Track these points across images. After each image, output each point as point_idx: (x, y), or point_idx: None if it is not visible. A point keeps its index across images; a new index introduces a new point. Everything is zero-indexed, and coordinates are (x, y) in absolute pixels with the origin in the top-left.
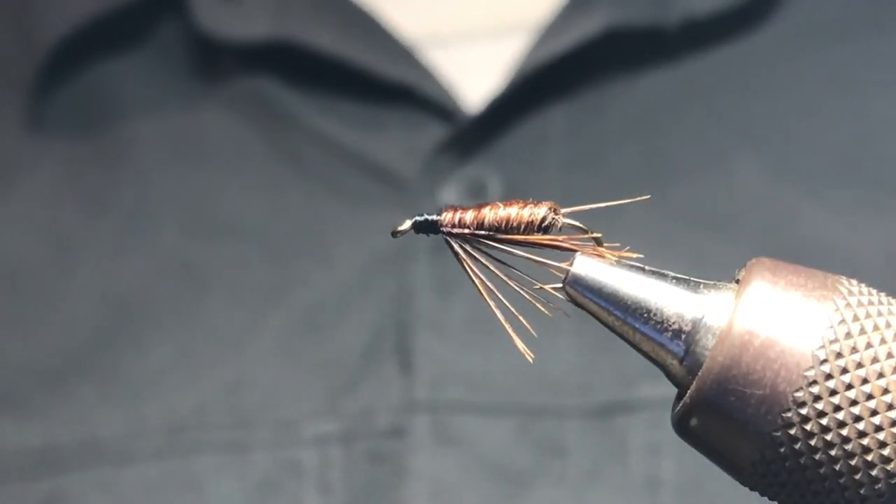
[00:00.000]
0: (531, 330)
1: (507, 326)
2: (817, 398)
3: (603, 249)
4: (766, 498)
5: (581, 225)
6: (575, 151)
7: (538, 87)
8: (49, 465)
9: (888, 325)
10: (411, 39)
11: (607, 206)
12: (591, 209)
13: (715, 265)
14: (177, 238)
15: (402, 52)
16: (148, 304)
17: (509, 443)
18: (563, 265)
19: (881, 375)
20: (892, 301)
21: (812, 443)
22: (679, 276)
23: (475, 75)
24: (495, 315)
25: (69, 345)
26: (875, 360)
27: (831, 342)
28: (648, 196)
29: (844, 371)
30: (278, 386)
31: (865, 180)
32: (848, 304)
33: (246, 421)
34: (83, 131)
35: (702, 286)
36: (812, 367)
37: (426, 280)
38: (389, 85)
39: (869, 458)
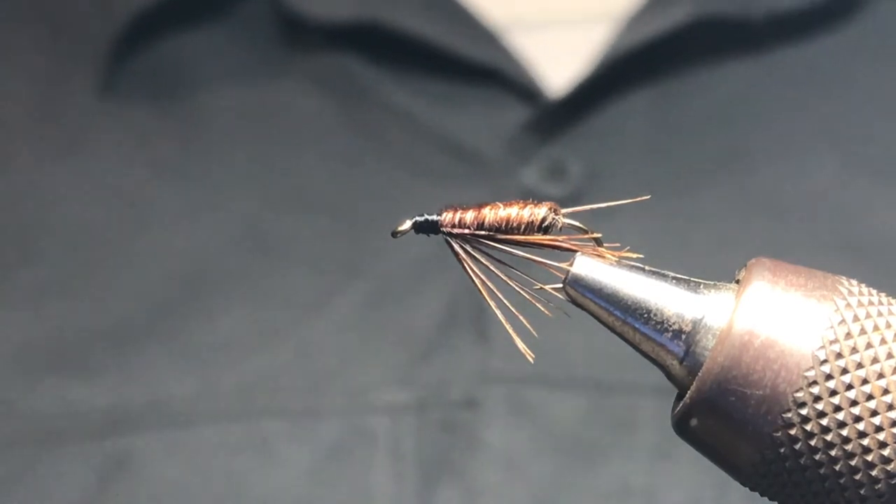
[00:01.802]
0: (531, 330)
1: (507, 326)
2: (817, 398)
3: (603, 249)
4: (766, 498)
5: (581, 225)
6: (655, 138)
7: (623, 73)
8: (117, 425)
9: (888, 326)
10: (495, 23)
11: (610, 206)
12: (591, 209)
13: (788, 255)
14: (251, 207)
15: (485, 35)
16: (220, 271)
17: (581, 417)
18: (564, 265)
19: (881, 376)
20: (893, 301)
21: (812, 443)
22: (679, 276)
23: (558, 60)
24: (496, 315)
25: (140, 308)
26: (875, 360)
27: (831, 342)
28: (649, 196)
29: (845, 371)
30: (352, 353)
31: None
32: (848, 305)
33: (318, 386)
34: (157, 99)
35: (702, 286)
36: (812, 368)
37: None
38: (473, 66)
39: (869, 458)
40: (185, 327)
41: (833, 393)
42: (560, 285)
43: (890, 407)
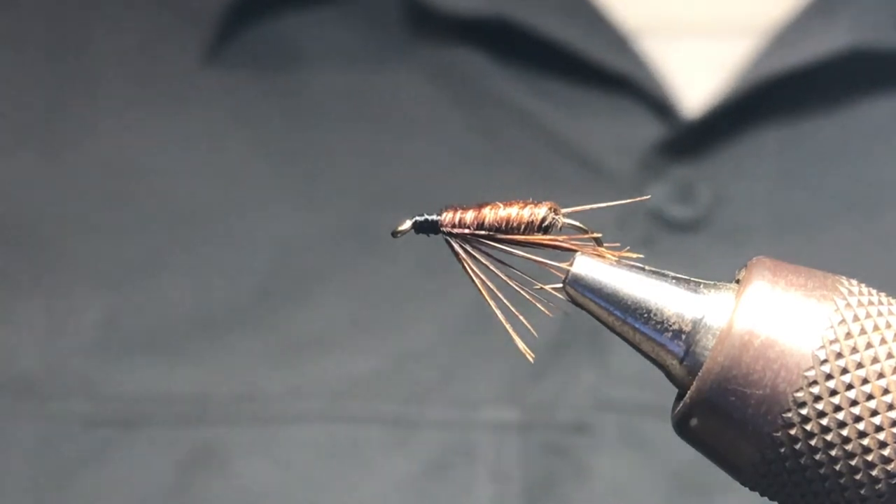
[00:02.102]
0: (532, 330)
1: (507, 326)
2: (817, 398)
3: (603, 249)
4: (766, 498)
5: (581, 225)
6: (788, 167)
7: (765, 97)
8: (203, 414)
9: (888, 325)
10: (629, 28)
11: (609, 206)
12: (591, 209)
13: None
14: (357, 196)
15: (619, 41)
16: (320, 262)
17: (697, 452)
18: (564, 265)
19: (881, 375)
20: (893, 301)
21: (812, 443)
22: (679, 276)
23: (694, 73)
24: (496, 315)
25: (233, 294)
26: (875, 360)
27: (831, 342)
28: (649, 196)
29: (845, 371)
30: (457, 364)
31: None
32: (848, 305)
33: (418, 395)
34: (264, 73)
35: (702, 286)
36: (812, 368)
37: None
38: (604, 72)
39: (869, 458)
40: (280, 319)
41: (833, 393)
42: (560, 285)
43: (890, 407)
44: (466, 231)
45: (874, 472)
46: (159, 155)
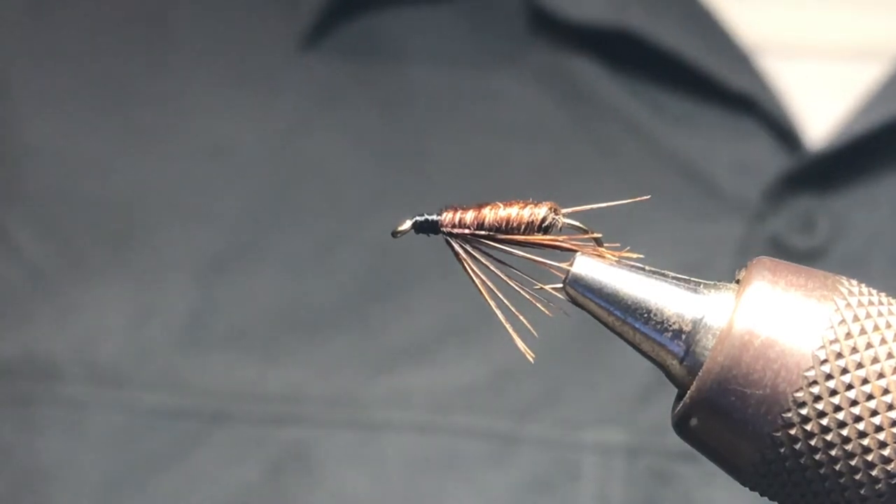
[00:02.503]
0: (532, 330)
1: (507, 327)
2: (817, 398)
3: (603, 249)
4: (766, 498)
5: (581, 225)
6: None
7: (894, 130)
8: (293, 415)
9: (888, 326)
10: (752, 46)
11: (610, 206)
12: (591, 209)
13: None
14: (457, 198)
15: (742, 59)
16: (421, 267)
17: None
18: (564, 265)
19: (881, 376)
20: (893, 301)
21: (812, 443)
22: (679, 276)
23: (819, 97)
24: (496, 315)
25: (331, 294)
26: (875, 360)
27: (831, 342)
28: (649, 196)
29: (845, 371)
30: (563, 381)
31: None
32: (848, 305)
33: (522, 411)
34: (363, 65)
35: (702, 286)
36: (812, 368)
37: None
38: (724, 91)
39: (869, 458)
40: (378, 322)
41: (833, 393)
42: (560, 285)
43: (890, 407)
44: (466, 231)
45: (874, 472)
46: (252, 141)
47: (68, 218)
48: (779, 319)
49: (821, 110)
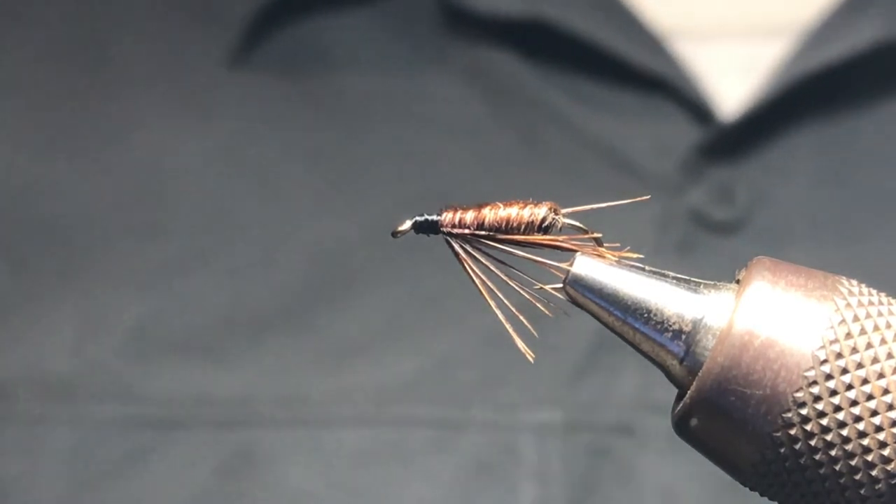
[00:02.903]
0: (532, 330)
1: (508, 326)
2: (817, 398)
3: (603, 250)
4: (766, 498)
5: (581, 225)
6: (826, 167)
7: (801, 97)
8: (242, 417)
9: (888, 326)
10: (664, 30)
11: (610, 206)
12: (591, 209)
13: None
14: (394, 197)
15: (654, 43)
16: (361, 263)
17: None
18: (564, 265)
19: (881, 376)
20: (893, 301)
21: (812, 443)
22: (679, 276)
23: (730, 75)
24: (496, 315)
25: (272, 295)
26: (875, 360)
27: (831, 342)
28: (649, 196)
29: (845, 371)
30: (499, 366)
31: None
32: (848, 305)
33: (462, 398)
34: (294, 76)
35: (702, 286)
36: (812, 368)
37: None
38: (640, 74)
39: (869, 458)
40: (320, 320)
41: (833, 393)
42: (560, 285)
43: (890, 407)
44: (466, 231)
45: (874, 472)
46: (191, 157)
47: (12, 238)
48: (779, 319)
49: (733, 88)
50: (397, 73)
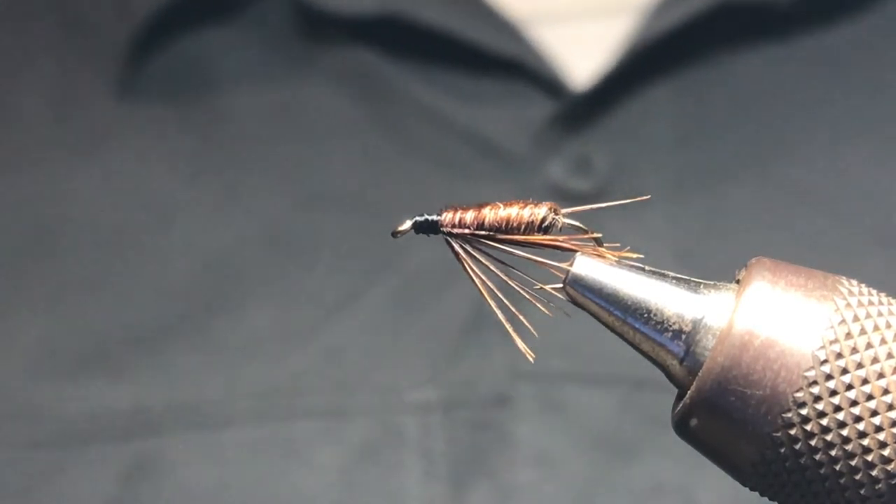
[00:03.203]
0: (532, 330)
1: (508, 326)
2: (817, 398)
3: (603, 250)
4: (766, 498)
5: (581, 225)
6: (681, 129)
7: (647, 64)
8: (140, 426)
9: (888, 326)
10: (517, 17)
11: (610, 206)
12: (591, 209)
13: (819, 246)
14: (275, 205)
15: (508, 28)
16: (246, 271)
17: (614, 414)
18: (564, 265)
19: (881, 376)
20: (893, 301)
21: (812, 443)
22: (679, 276)
23: (581, 53)
24: (496, 315)
25: (164, 308)
26: (875, 360)
27: (831, 342)
28: (649, 196)
29: (845, 371)
30: (380, 353)
31: None
32: (848, 305)
33: (346, 387)
34: (176, 98)
35: (702, 286)
36: (812, 368)
37: None
38: (496, 59)
39: (869, 458)
40: (210, 328)
41: (833, 393)
42: (560, 285)
43: (890, 407)
44: (466, 231)
45: (874, 472)
46: (85, 186)
47: None
48: (779, 319)
49: (585, 64)
50: (269, 83)
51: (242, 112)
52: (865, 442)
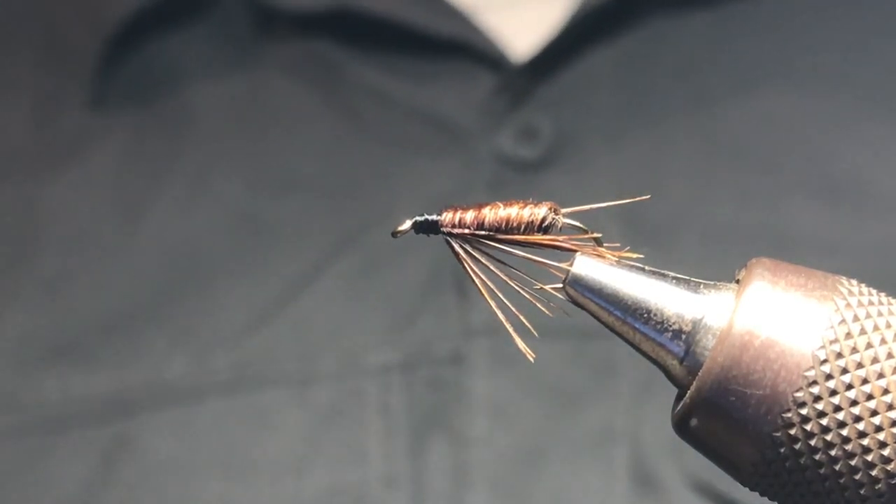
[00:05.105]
0: (532, 330)
1: (507, 326)
2: (817, 398)
3: (603, 249)
4: (766, 498)
5: (581, 225)
6: (622, 93)
7: (586, 32)
8: (117, 410)
9: (888, 326)
10: (461, 4)
11: (609, 206)
12: (591, 209)
13: (754, 197)
14: (241, 194)
15: (452, 12)
16: (214, 257)
17: (564, 364)
18: (564, 265)
19: (881, 376)
20: (892, 301)
21: (812, 443)
22: (679, 276)
23: (523, 30)
24: (497, 315)
25: (137, 296)
26: (875, 360)
27: (831, 342)
28: (649, 196)
29: (845, 371)
30: (342, 321)
31: None
32: (848, 305)
33: (311, 355)
34: (146, 103)
35: (702, 286)
36: (812, 368)
37: None
38: (442, 41)
39: (869, 458)
40: (181, 312)
41: (833, 393)
42: (560, 285)
43: (890, 407)
44: (466, 231)
45: (874, 472)
46: (61, 197)
47: None
48: (779, 320)
49: (527, 41)
50: (230, 80)
51: (206, 107)
52: (865, 442)
